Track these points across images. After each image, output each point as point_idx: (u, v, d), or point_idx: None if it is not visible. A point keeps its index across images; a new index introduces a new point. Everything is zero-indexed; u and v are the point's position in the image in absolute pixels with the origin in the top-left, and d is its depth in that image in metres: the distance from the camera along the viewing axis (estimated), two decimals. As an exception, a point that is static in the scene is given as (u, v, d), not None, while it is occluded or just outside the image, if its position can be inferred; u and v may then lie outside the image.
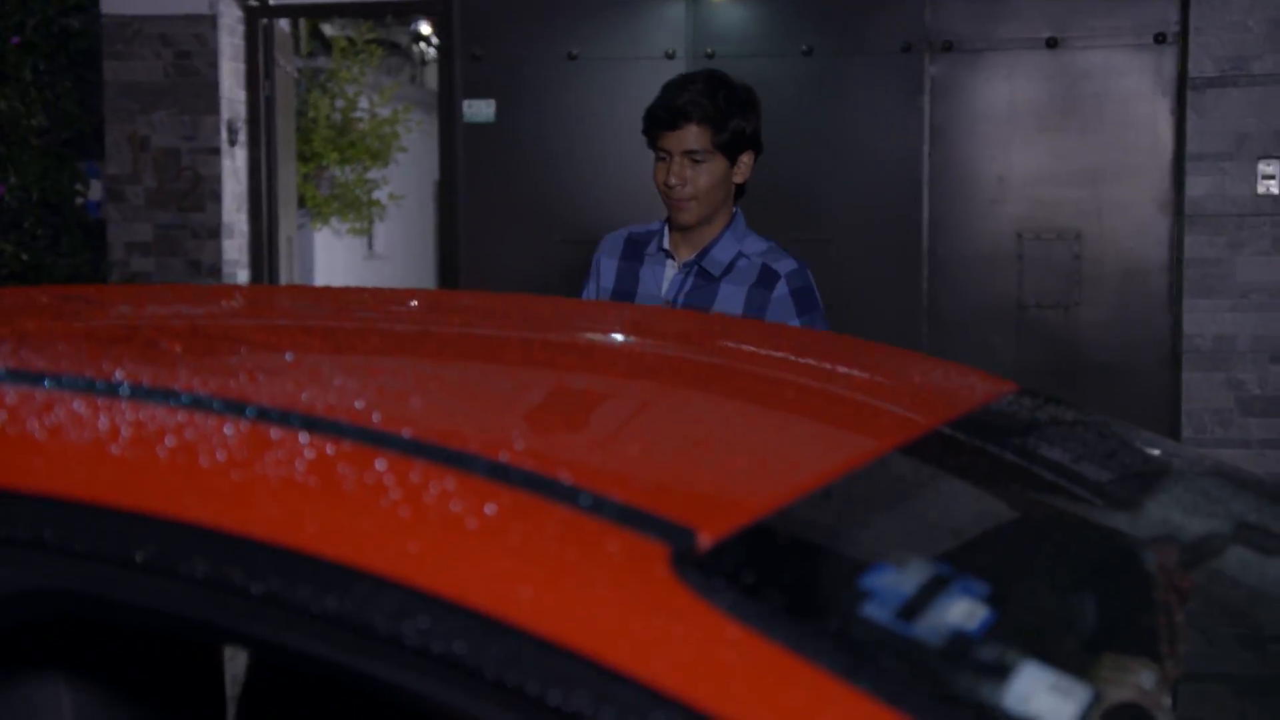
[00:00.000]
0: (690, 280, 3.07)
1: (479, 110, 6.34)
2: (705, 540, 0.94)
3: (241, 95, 6.54)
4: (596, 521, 0.94)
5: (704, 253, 3.05)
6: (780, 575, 0.95)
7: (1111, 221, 5.95)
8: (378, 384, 1.15)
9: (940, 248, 6.14)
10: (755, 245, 3.07)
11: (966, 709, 0.87)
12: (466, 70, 6.44)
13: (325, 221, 13.52)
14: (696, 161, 2.95)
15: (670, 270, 3.11)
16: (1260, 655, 1.79)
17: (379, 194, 14.29)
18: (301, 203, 12.67)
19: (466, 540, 0.93)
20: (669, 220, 3.10)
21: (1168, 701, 1.50)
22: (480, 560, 0.92)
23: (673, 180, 2.96)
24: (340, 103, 13.62)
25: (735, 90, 2.97)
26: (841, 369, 1.46)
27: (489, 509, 0.94)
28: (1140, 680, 1.49)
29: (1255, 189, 5.62)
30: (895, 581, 0.96)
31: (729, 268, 3.04)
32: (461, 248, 6.47)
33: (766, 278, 3.01)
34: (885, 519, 1.12)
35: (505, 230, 6.48)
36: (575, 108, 6.38)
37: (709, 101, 2.92)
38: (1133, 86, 5.89)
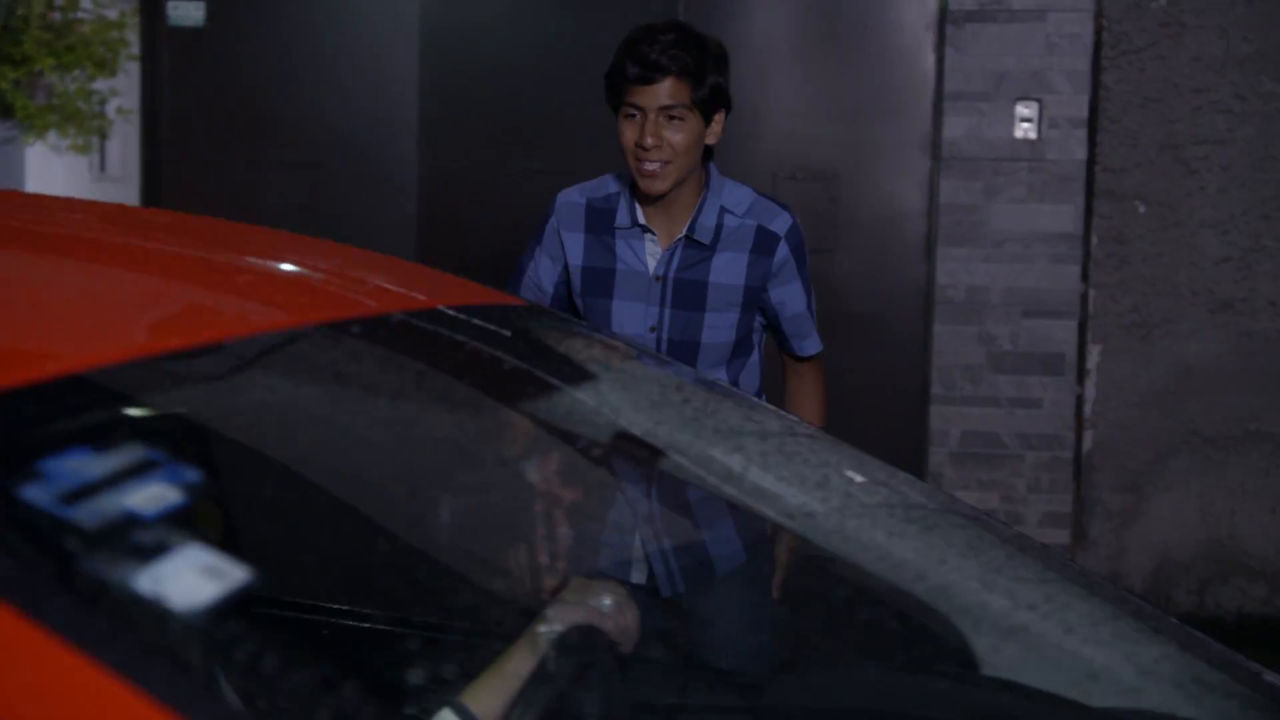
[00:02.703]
0: (678, 254, 3.07)
1: (185, 12, 6.26)
2: None
3: (-85, -16, 6.35)
4: None
5: (692, 223, 3.04)
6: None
7: (870, 163, 6.16)
8: None
9: (691, 184, 6.27)
10: (738, 198, 3.07)
11: (90, 585, 0.95)
12: (172, -33, 6.36)
13: (40, 136, 13.11)
14: (673, 119, 2.94)
15: (652, 244, 3.09)
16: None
17: (107, 107, 13.85)
18: (10, 113, 12.26)
19: None
20: (633, 190, 3.07)
21: (633, 623, 1.61)
22: None
23: (648, 140, 2.93)
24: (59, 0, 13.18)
25: (708, 43, 2.99)
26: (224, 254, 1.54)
27: None
28: (599, 603, 1.60)
29: (1012, 132, 5.88)
30: (83, 466, 1.04)
31: (718, 232, 3.05)
32: (164, 169, 6.40)
33: (764, 241, 3.05)
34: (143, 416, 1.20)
35: (217, 150, 6.42)
36: (298, 12, 6.34)
37: (686, 54, 2.93)
38: (895, 18, 6.10)
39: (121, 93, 9.95)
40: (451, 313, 1.62)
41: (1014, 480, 5.94)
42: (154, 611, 0.96)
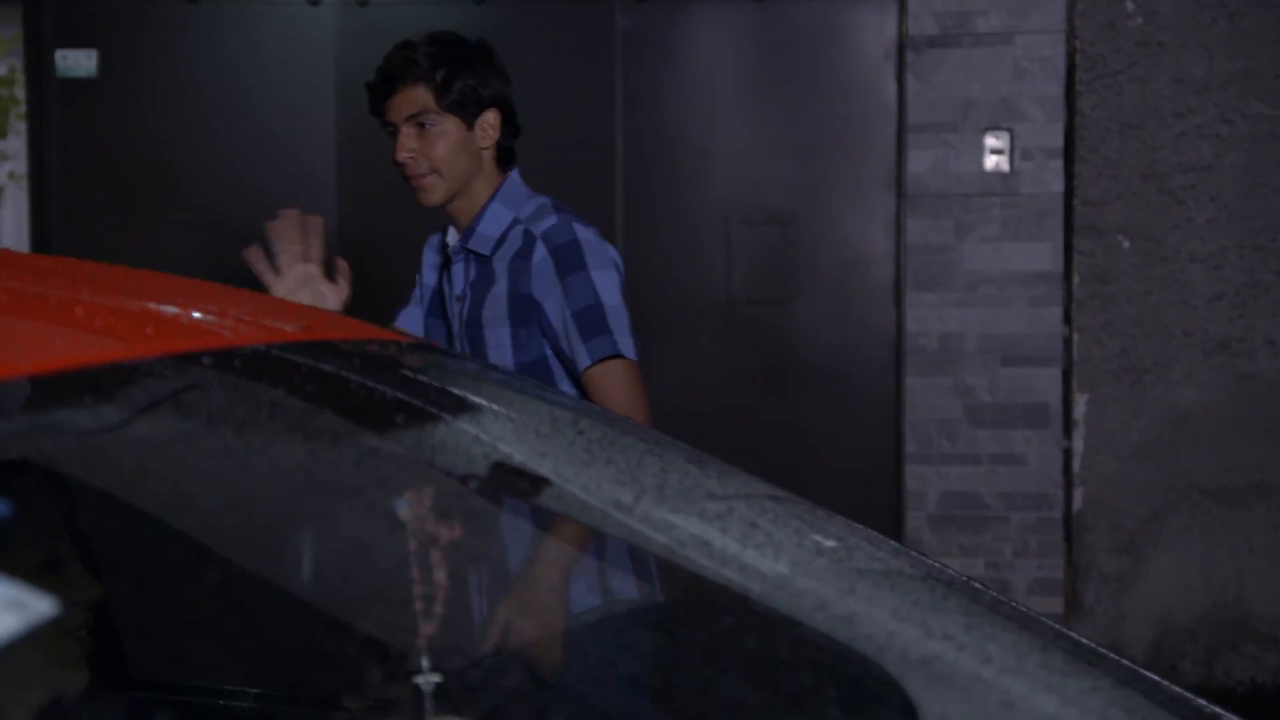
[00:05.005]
0: (471, 269, 3.15)
1: (75, 62, 6.30)
2: None
3: None
4: None
5: (469, 232, 3.14)
6: None
7: (830, 203, 6.22)
8: None
9: (636, 232, 6.32)
10: (533, 208, 3.14)
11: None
12: (60, 13, 6.40)
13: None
14: (423, 127, 3.10)
15: (458, 263, 3.19)
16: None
17: (-1, 173, 13.97)
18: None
19: None
20: None
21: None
22: None
23: (401, 154, 3.11)
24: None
25: (462, 45, 3.15)
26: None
27: None
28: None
29: (982, 164, 5.95)
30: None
31: (500, 243, 3.11)
32: (56, 232, 6.41)
33: (526, 245, 3.09)
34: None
35: (114, 211, 6.42)
36: (197, 62, 6.37)
37: (425, 59, 3.09)
38: (851, 46, 6.18)
39: (12, 156, 9.93)
40: (324, 344, 1.64)
41: (999, 544, 5.97)
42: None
